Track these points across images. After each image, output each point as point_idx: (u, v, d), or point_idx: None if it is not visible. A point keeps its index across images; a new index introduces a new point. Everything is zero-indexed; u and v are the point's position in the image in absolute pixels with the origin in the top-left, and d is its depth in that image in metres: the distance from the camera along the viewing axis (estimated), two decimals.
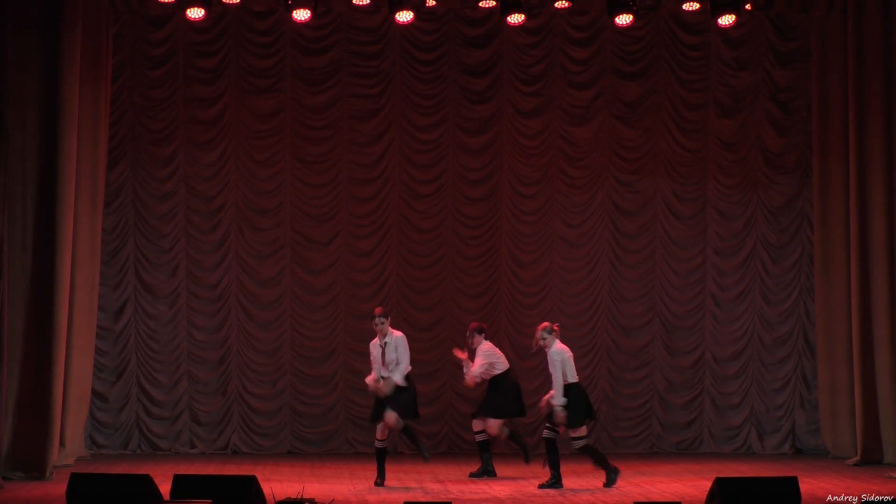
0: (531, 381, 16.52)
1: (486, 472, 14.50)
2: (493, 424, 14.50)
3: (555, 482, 13.63)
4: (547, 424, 13.70)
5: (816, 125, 16.79)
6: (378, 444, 14.00)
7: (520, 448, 14.72)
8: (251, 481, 11.22)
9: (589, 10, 16.81)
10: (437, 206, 17.18)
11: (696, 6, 15.37)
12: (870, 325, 15.97)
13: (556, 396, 13.46)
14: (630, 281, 17.32)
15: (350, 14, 16.86)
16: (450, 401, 16.93)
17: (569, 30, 17.20)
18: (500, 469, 14.74)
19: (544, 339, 13.65)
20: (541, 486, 13.65)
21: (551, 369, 13.55)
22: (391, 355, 13.86)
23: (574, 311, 17.23)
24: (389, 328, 13.96)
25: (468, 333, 14.70)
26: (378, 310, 14.05)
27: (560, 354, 13.54)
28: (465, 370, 14.65)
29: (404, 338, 13.97)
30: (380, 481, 13.82)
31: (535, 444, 15.63)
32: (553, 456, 13.68)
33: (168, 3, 15.24)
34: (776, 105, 17.36)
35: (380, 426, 13.95)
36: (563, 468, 13.82)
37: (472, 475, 14.51)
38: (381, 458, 13.95)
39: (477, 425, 14.64)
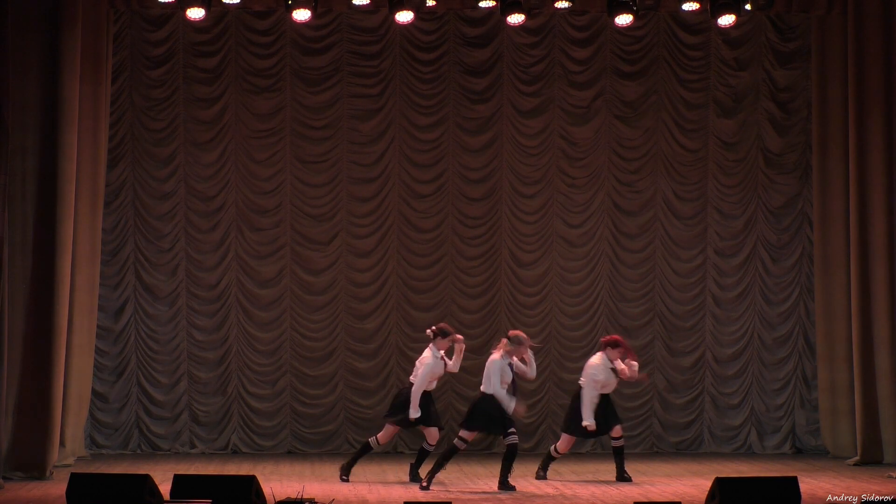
0: (532, 382, 16.49)
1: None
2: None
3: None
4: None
5: (816, 125, 16.78)
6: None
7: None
8: (251, 481, 11.21)
9: (589, 10, 16.79)
10: (437, 206, 17.17)
11: (696, 6, 15.35)
12: (870, 326, 15.96)
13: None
14: (630, 281, 17.32)
15: (350, 14, 16.87)
16: (450, 401, 16.92)
17: (569, 30, 17.20)
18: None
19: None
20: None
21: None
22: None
23: (574, 311, 17.24)
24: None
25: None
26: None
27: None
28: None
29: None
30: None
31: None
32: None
33: (168, 3, 15.23)
34: (776, 105, 17.36)
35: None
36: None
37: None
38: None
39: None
